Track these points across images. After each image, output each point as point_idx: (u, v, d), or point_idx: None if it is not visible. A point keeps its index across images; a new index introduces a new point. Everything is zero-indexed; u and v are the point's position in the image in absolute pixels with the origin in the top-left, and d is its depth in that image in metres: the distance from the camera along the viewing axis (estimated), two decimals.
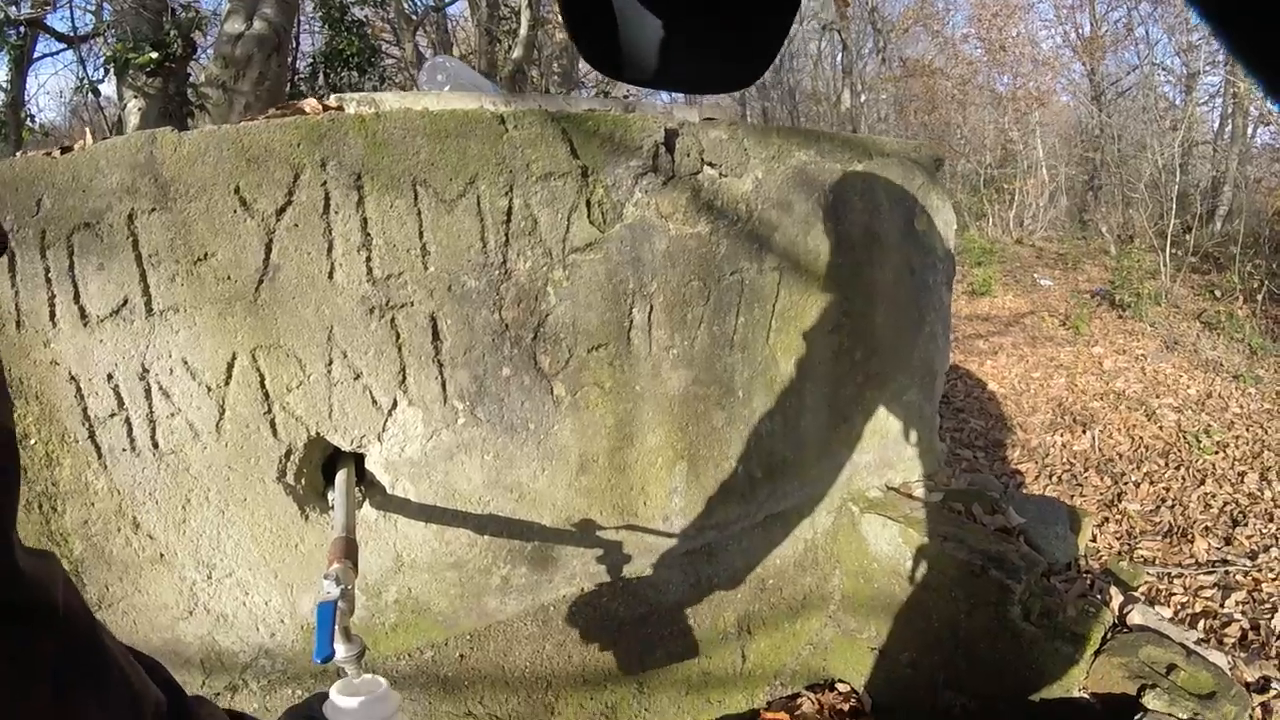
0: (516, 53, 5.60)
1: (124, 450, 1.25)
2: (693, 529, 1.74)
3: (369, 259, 1.27)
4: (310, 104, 1.42)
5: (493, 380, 1.39)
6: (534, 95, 2.16)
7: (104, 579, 1.30)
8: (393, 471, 1.36)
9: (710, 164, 1.65)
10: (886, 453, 2.22)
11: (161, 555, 1.31)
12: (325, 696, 0.90)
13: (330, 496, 1.34)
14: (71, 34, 4.47)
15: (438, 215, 1.31)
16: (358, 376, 1.30)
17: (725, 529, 1.81)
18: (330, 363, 1.28)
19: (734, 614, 1.97)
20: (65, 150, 1.26)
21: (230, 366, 1.25)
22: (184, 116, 3.93)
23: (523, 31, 5.44)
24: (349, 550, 1.10)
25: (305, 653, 1.43)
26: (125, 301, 1.21)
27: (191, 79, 4.05)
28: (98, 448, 1.24)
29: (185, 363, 1.24)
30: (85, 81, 4.21)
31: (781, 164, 1.77)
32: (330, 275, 1.26)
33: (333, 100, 1.45)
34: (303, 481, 1.33)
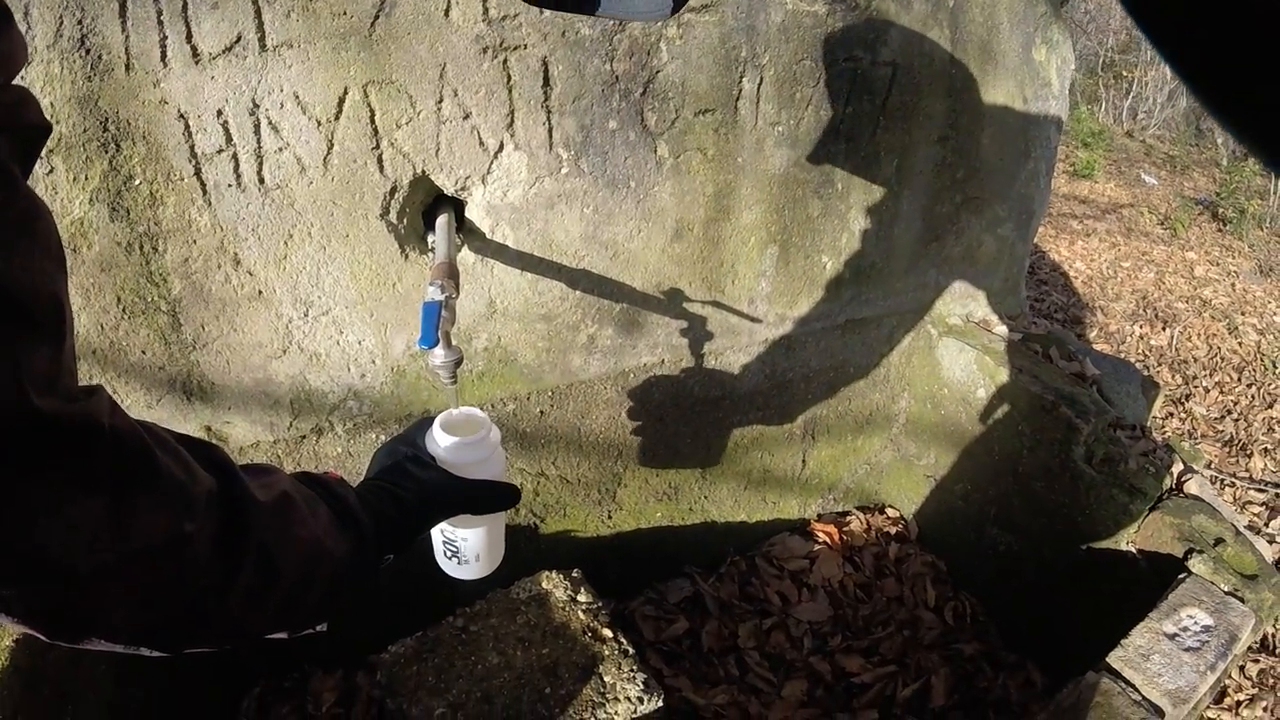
0: None
1: (229, 186, 1.30)
2: (775, 317, 1.76)
3: None
4: None
5: (598, 132, 1.39)
6: None
7: (201, 318, 1.39)
8: (493, 216, 1.40)
9: None
10: (973, 282, 2.18)
11: (260, 292, 1.39)
12: (427, 425, 0.91)
13: (430, 240, 1.39)
14: None
15: None
16: (467, 116, 1.31)
17: (806, 325, 1.83)
18: (441, 101, 1.29)
19: (802, 416, 2.02)
20: None
21: (341, 101, 1.27)
22: None
23: None
24: (451, 272, 1.15)
25: (393, 396, 1.53)
26: (239, 38, 1.22)
27: None
28: (203, 184, 1.29)
29: (296, 97, 1.26)
30: None
31: None
32: (446, 13, 1.25)
33: None
34: (405, 221, 1.37)
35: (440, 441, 0.87)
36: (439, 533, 0.95)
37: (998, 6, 1.85)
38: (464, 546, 0.95)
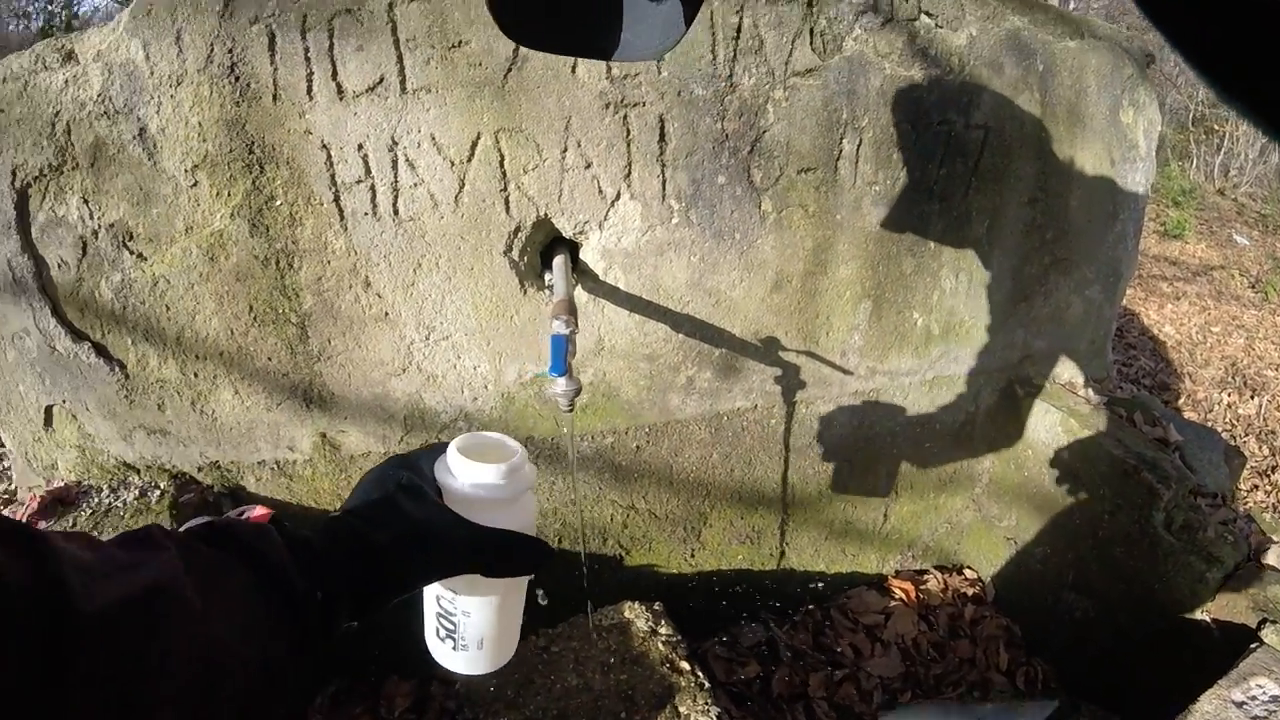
0: None
1: (365, 214, 1.44)
2: (866, 370, 1.81)
3: None
4: None
5: (708, 185, 1.49)
6: None
7: (328, 332, 1.53)
8: (607, 259, 1.50)
9: (927, 13, 1.63)
10: (1060, 343, 2.18)
11: (386, 314, 1.51)
12: (438, 452, 0.67)
13: (548, 277, 1.50)
14: None
15: None
16: (588, 166, 1.42)
17: (895, 379, 1.87)
18: (565, 150, 1.41)
19: (885, 469, 2.04)
20: None
21: (474, 145, 1.40)
22: None
23: None
24: (572, 308, 1.24)
25: (501, 420, 1.63)
26: (381, 79, 1.37)
27: None
28: (341, 211, 1.43)
29: (433, 138, 1.40)
30: None
31: (996, 25, 1.73)
32: (573, 69, 1.37)
33: None
34: (525, 259, 1.49)
35: (455, 468, 0.64)
36: (433, 600, 0.69)
37: (1085, 70, 1.90)
38: (464, 625, 0.68)
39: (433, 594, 0.68)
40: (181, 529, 0.55)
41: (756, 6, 1.44)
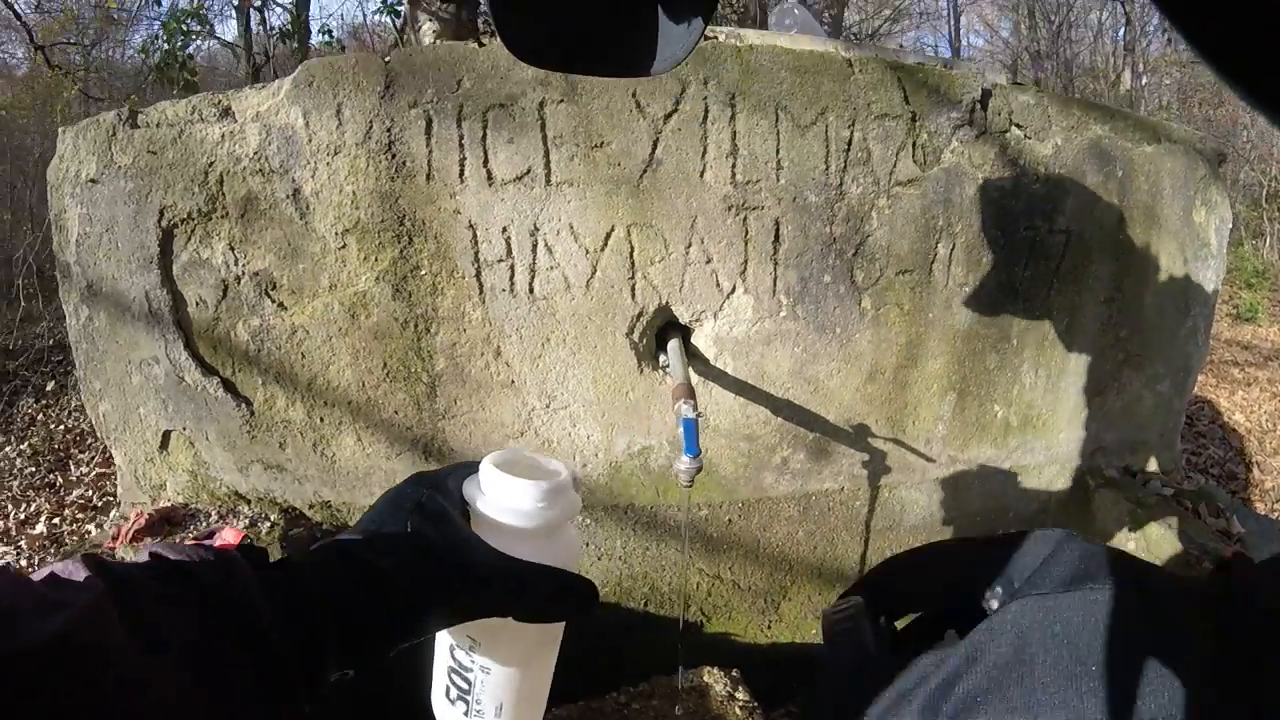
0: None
1: (503, 290, 1.58)
2: (947, 459, 1.89)
3: (734, 165, 1.52)
4: None
5: (815, 283, 1.61)
6: (869, 45, 2.34)
7: (456, 394, 1.66)
8: (718, 345, 1.62)
9: (1017, 125, 1.76)
10: (1131, 436, 2.24)
11: (512, 381, 1.64)
12: (470, 470, 0.55)
13: (661, 358, 1.62)
14: None
15: (793, 137, 1.54)
16: (709, 261, 1.56)
17: (974, 468, 1.94)
18: (689, 246, 1.55)
19: None
20: (481, 44, 1.59)
21: (608, 236, 1.54)
22: (478, 39, 4.39)
23: None
24: (691, 393, 1.36)
25: (607, 487, 1.73)
26: (528, 170, 1.53)
27: (483, 9, 4.52)
28: (481, 285, 1.58)
29: (571, 227, 1.54)
30: (387, 5, 4.85)
31: (1079, 134, 1.85)
32: (701, 174, 1.52)
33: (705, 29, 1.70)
34: (644, 341, 1.61)
35: (488, 484, 0.53)
36: (445, 651, 0.56)
37: (1161, 174, 2.00)
38: (481, 684, 0.55)
39: (445, 643, 0.55)
40: (128, 560, 0.44)
41: (866, 122, 1.58)
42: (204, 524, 1.89)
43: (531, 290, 1.57)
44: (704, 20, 0.47)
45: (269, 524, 1.91)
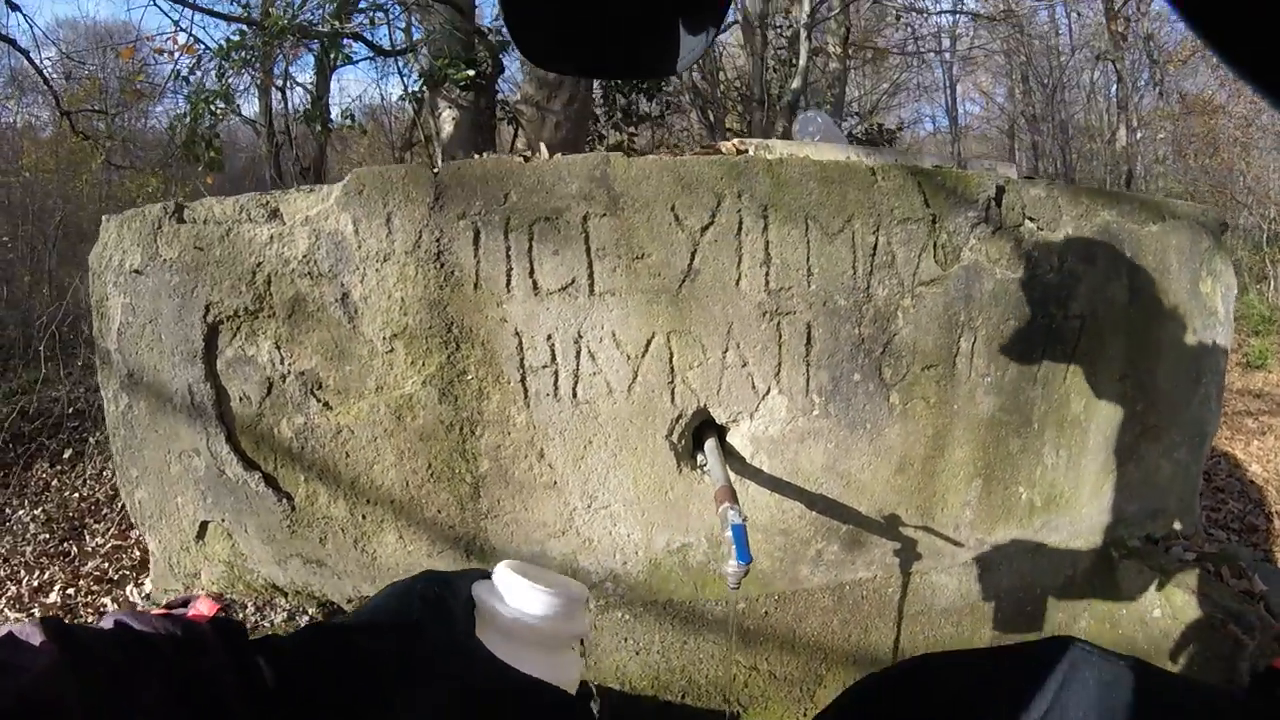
0: (795, 83, 5.86)
1: (547, 395, 1.63)
2: (975, 541, 1.93)
3: (768, 273, 1.59)
4: (725, 146, 1.77)
5: (845, 382, 1.66)
6: (888, 150, 2.44)
7: (499, 494, 1.69)
8: (754, 444, 1.67)
9: (1030, 218, 1.84)
10: (1151, 505, 2.28)
11: (555, 483, 1.68)
12: (480, 575, 0.56)
13: (699, 457, 1.66)
14: (388, 48, 5.33)
15: (822, 244, 1.61)
16: (744, 365, 1.61)
17: (1000, 548, 1.98)
18: (726, 351, 1.60)
19: (989, 631, 2.12)
20: (527, 159, 1.66)
21: (649, 343, 1.60)
22: (493, 128, 4.55)
23: (801, 62, 5.71)
24: (734, 495, 1.40)
25: (646, 583, 1.76)
26: (573, 281, 1.59)
27: (500, 95, 4.69)
28: (525, 390, 1.62)
29: (614, 335, 1.60)
30: (407, 94, 5.01)
31: (1088, 221, 1.93)
32: (737, 283, 1.58)
33: (736, 143, 1.79)
34: (683, 442, 1.66)
35: (502, 586, 0.52)
36: None
37: (1167, 251, 2.08)
38: None
39: None
40: (93, 625, 0.45)
41: (890, 226, 1.65)
42: (240, 616, 1.90)
43: (575, 395, 1.61)
44: (716, 27, 0.49)
45: (307, 617, 1.92)
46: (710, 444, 1.60)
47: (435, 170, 1.59)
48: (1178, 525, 2.39)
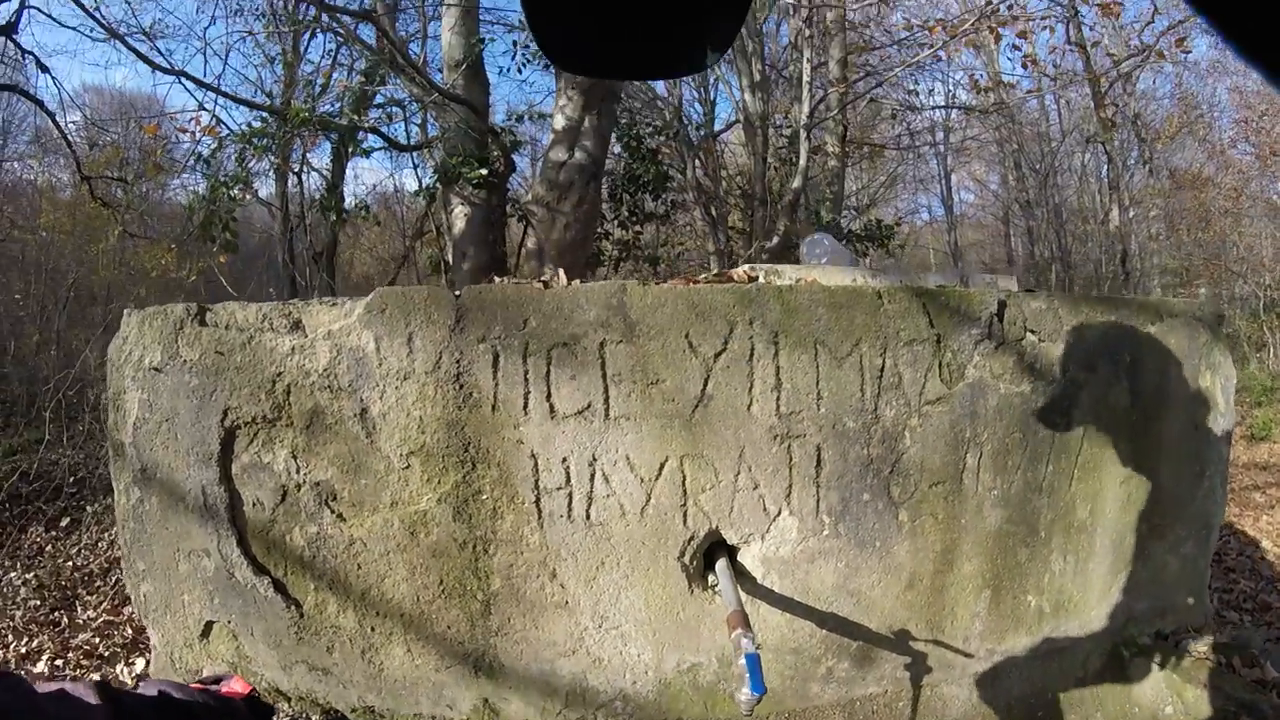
0: (796, 182, 6.02)
1: (561, 516, 1.65)
2: (985, 652, 1.93)
3: (778, 398, 1.62)
4: (737, 273, 1.83)
5: (855, 502, 1.69)
6: (892, 271, 2.51)
7: (510, 612, 1.70)
8: (765, 565, 1.69)
9: (1031, 330, 1.89)
10: (1160, 601, 2.29)
11: (566, 602, 1.70)
12: None
13: (711, 578, 1.68)
14: (404, 142, 5.50)
15: (831, 368, 1.65)
16: (756, 487, 1.64)
17: (1011, 656, 1.98)
18: (738, 474, 1.63)
19: None
20: (546, 285, 1.71)
21: (662, 466, 1.63)
22: (504, 226, 4.67)
23: (801, 162, 5.87)
24: (746, 621, 1.41)
25: (655, 703, 1.76)
26: (589, 405, 1.62)
27: (511, 193, 4.83)
28: (539, 511, 1.65)
29: (628, 458, 1.63)
30: (421, 189, 5.15)
31: (1088, 329, 1.97)
32: (749, 407, 1.62)
33: (747, 270, 1.84)
34: (694, 563, 1.68)
35: None
36: None
37: (1167, 351, 2.12)
38: None
39: None
40: (130, 690, 0.47)
41: (896, 348, 1.69)
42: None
43: (588, 516, 1.64)
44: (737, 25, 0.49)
45: None
46: (722, 565, 1.62)
47: (457, 293, 1.64)
48: (1188, 619, 2.39)
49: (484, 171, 4.31)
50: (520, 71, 7.10)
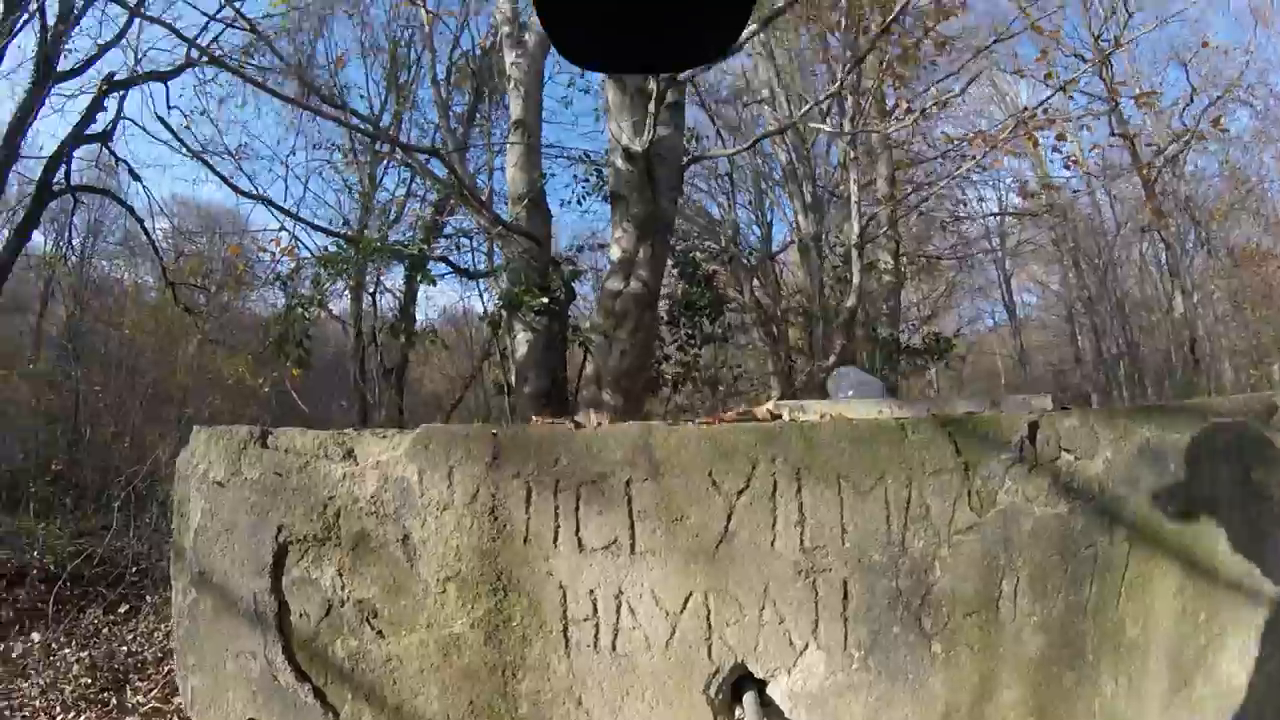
0: (850, 300, 6.16)
1: (588, 646, 1.71)
2: None
3: (802, 533, 1.66)
4: (760, 411, 1.88)
5: (884, 635, 1.70)
6: (921, 401, 2.53)
7: None
8: (792, 699, 1.71)
9: (1066, 449, 1.87)
10: (1225, 717, 2.18)
11: None
12: None
13: (737, 711, 1.71)
14: (472, 270, 5.84)
15: (855, 502, 1.68)
16: (781, 621, 1.67)
17: None
18: (763, 609, 1.67)
19: None
20: (578, 426, 1.81)
21: (687, 600, 1.68)
22: (564, 352, 4.90)
23: (855, 280, 6.01)
24: None
25: None
26: (615, 540, 1.69)
27: (572, 320, 5.07)
28: (567, 640, 1.71)
29: (653, 592, 1.69)
30: (486, 315, 5.47)
31: (1127, 442, 1.94)
32: (772, 544, 1.66)
33: (771, 407, 1.90)
34: (719, 696, 1.71)
35: None
36: None
37: (1214, 454, 2.03)
38: None
39: None
40: None
41: (922, 479, 1.71)
42: None
43: (614, 647, 1.70)
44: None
45: None
46: (749, 699, 1.65)
47: (494, 432, 1.75)
48: None
49: (545, 300, 4.56)
50: (580, 203, 7.41)
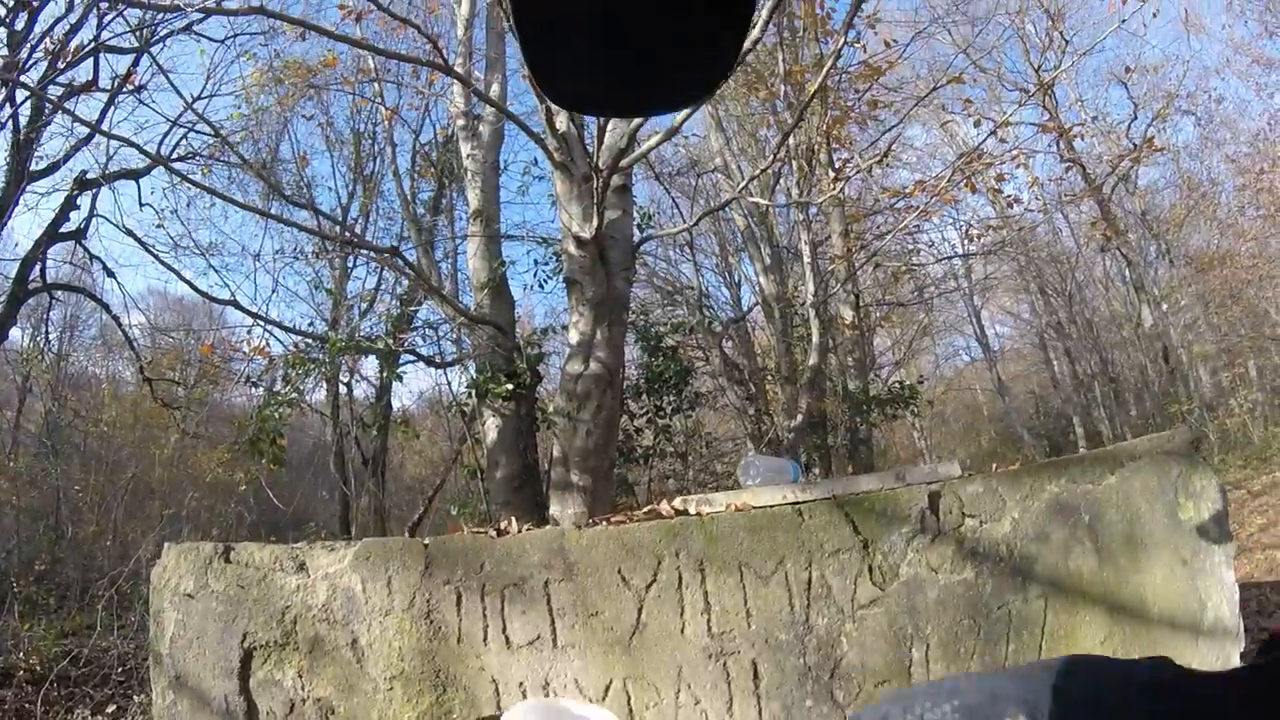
0: (812, 359, 6.32)
1: None
2: None
3: (709, 619, 1.79)
4: (665, 507, 2.03)
5: (798, 709, 1.81)
6: (825, 482, 2.66)
7: None
8: None
9: (970, 515, 1.97)
10: None
11: None
12: None
13: None
14: (440, 359, 6.07)
15: (757, 587, 1.80)
16: (697, 702, 1.79)
17: None
18: (679, 692, 1.79)
19: None
20: (501, 533, 1.97)
21: (608, 688, 1.81)
22: (533, 434, 5.07)
23: (815, 339, 6.17)
24: None
25: None
26: (538, 637, 1.83)
27: (539, 403, 5.25)
28: None
29: (576, 681, 1.82)
30: (455, 403, 5.69)
31: (1035, 499, 2.03)
32: (682, 631, 1.79)
33: (678, 503, 2.04)
34: None
35: None
36: None
37: (1132, 496, 2.10)
38: None
39: None
40: None
41: (822, 560, 1.83)
42: None
43: None
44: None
45: None
46: None
47: (425, 544, 1.92)
48: None
49: (510, 386, 4.72)
50: (542, 287, 7.63)
